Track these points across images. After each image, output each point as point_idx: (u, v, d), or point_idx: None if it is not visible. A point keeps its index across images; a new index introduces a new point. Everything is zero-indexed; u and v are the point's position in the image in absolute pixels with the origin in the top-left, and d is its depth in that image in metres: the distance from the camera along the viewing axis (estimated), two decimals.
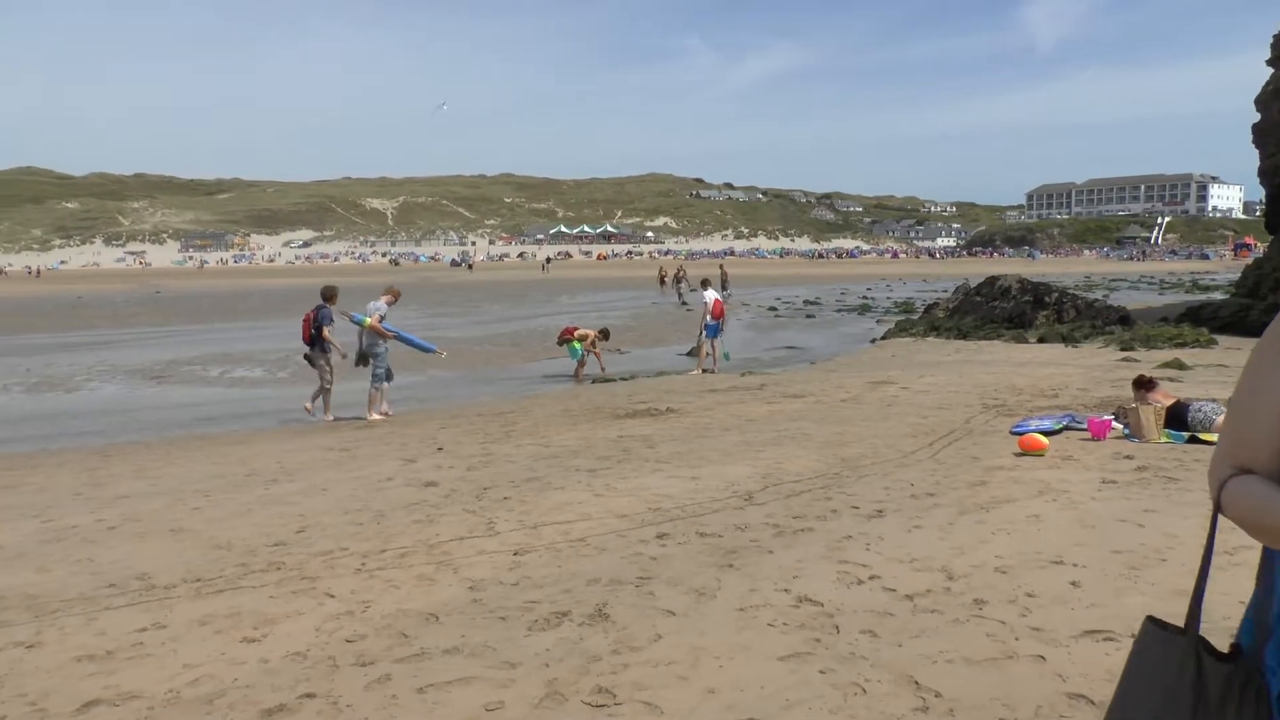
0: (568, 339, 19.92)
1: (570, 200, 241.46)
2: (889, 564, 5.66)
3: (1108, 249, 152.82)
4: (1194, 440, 9.20)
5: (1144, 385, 10.11)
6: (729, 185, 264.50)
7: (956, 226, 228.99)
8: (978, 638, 4.48)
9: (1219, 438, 1.69)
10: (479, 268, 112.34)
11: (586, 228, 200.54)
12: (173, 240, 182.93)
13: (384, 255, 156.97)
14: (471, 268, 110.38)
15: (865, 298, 48.78)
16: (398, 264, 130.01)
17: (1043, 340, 23.34)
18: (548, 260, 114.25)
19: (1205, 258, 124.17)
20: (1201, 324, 24.72)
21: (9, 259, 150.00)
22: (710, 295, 20.04)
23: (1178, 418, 9.51)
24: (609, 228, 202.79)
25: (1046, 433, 9.47)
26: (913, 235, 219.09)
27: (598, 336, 20.22)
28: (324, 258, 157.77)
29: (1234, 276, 42.85)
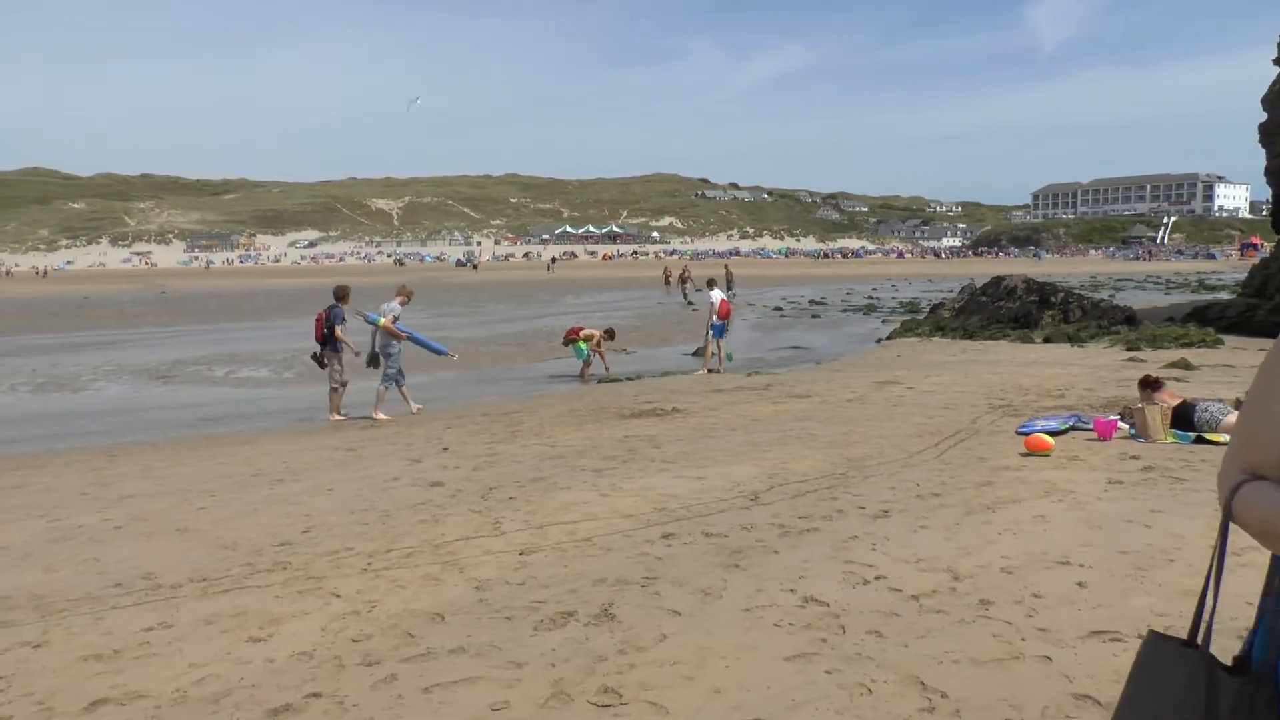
0: (573, 339, 19.93)
1: (575, 200, 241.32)
2: (895, 564, 5.66)
3: (1113, 249, 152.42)
4: (1200, 440, 9.18)
5: (1150, 385, 10.08)
6: (734, 185, 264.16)
7: (962, 226, 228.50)
8: (984, 638, 4.48)
9: (1229, 440, 1.63)
10: (484, 268, 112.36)
11: (592, 228, 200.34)
12: (179, 240, 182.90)
13: (389, 255, 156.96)
14: (476, 268, 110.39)
15: (871, 298, 48.73)
16: (403, 264, 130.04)
17: (1048, 340, 23.29)
18: (553, 260, 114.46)
19: (1211, 257, 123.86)
20: (1208, 324, 24.66)
21: (16, 259, 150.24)
22: (716, 295, 20.05)
23: (1184, 418, 9.50)
24: (614, 228, 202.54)
25: (1052, 433, 9.45)
26: (918, 235, 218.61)
27: (603, 336, 20.22)
28: (329, 258, 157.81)
29: (1240, 276, 42.71)
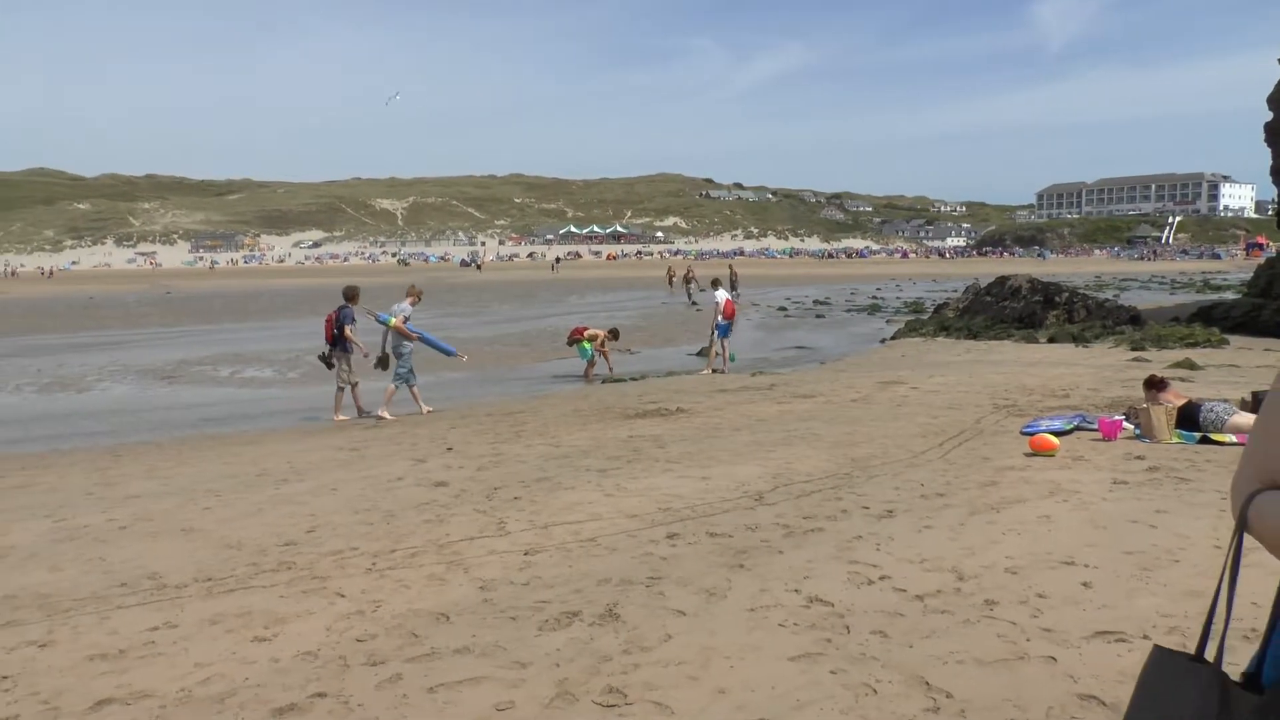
0: (577, 339, 19.94)
1: (580, 200, 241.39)
2: (899, 564, 5.66)
3: (1118, 249, 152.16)
4: (1205, 441, 9.17)
5: (1155, 385, 10.07)
6: (738, 185, 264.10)
7: (966, 226, 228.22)
8: (989, 638, 4.47)
9: (1245, 448, 1.57)
10: (488, 268, 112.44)
11: (596, 228, 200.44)
12: (183, 241, 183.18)
13: (393, 256, 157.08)
14: (480, 268, 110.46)
15: (875, 298, 48.71)
16: (407, 264, 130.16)
17: (1053, 340, 23.27)
18: (557, 260, 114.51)
19: (1217, 257, 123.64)
20: (1213, 324, 24.62)
21: (21, 260, 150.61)
22: (721, 295, 20.04)
23: (1189, 418, 9.48)
24: (618, 228, 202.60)
25: (1057, 433, 9.44)
26: (922, 235, 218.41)
27: (607, 337, 20.23)
28: (334, 258, 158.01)
29: (1246, 276, 42.65)
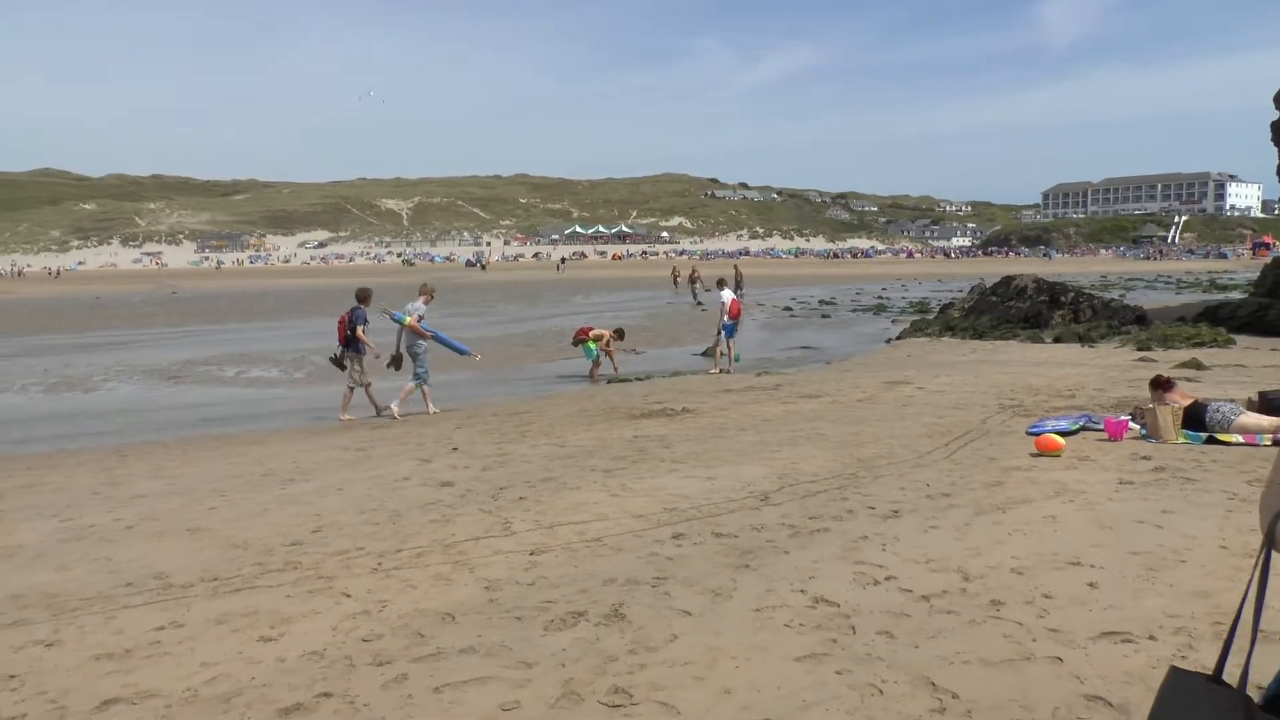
0: (583, 339, 19.93)
1: (585, 200, 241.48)
2: (905, 565, 5.65)
3: (1124, 248, 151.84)
4: (1212, 441, 9.14)
5: (1161, 385, 10.04)
6: (744, 185, 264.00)
7: (972, 226, 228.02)
8: (994, 639, 4.47)
9: (1273, 465, 1.54)
10: (494, 268, 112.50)
11: (601, 228, 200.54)
12: (189, 241, 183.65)
13: (398, 256, 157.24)
14: (485, 268, 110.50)
15: (880, 298, 48.65)
16: (412, 264, 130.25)
17: (1059, 340, 23.23)
18: (563, 260, 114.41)
19: (1223, 257, 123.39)
20: (1219, 323, 24.57)
21: (28, 260, 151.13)
22: (727, 295, 20.02)
23: (1195, 418, 9.46)
24: (624, 228, 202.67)
25: (1063, 433, 9.42)
26: (928, 235, 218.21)
27: (613, 336, 20.23)
28: (339, 258, 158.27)
29: (1252, 275, 42.53)
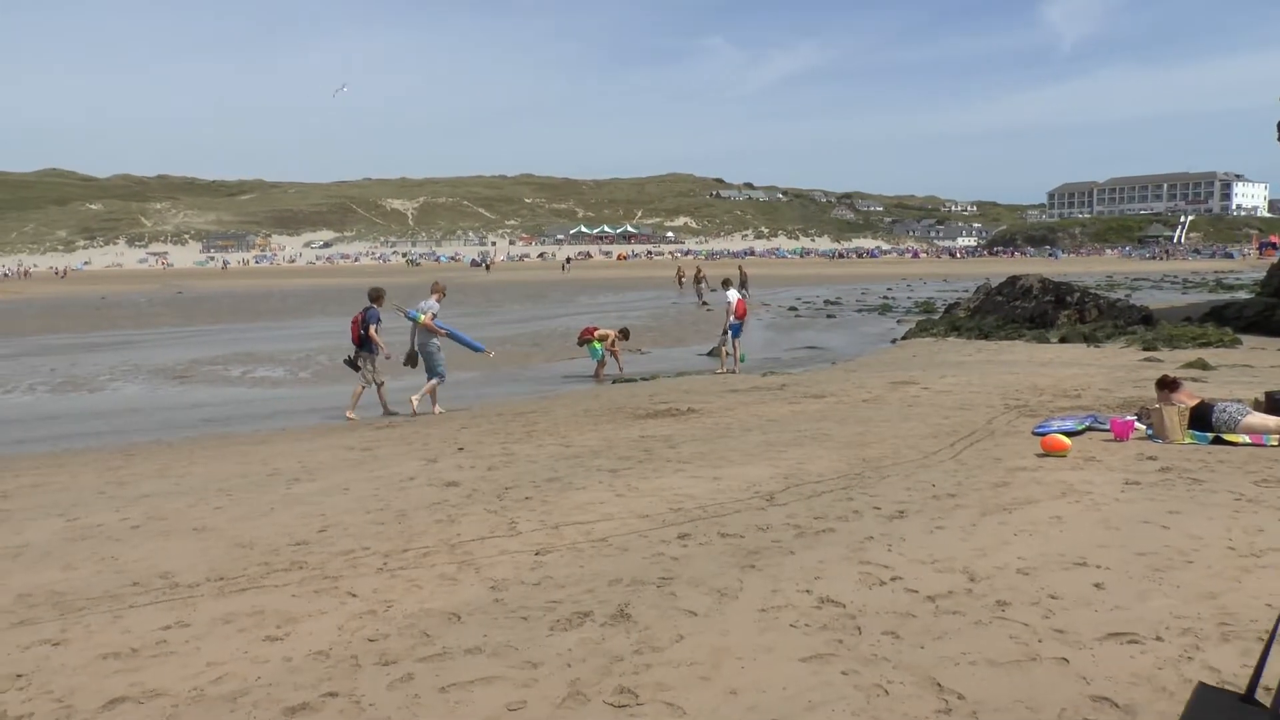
0: (588, 339, 19.95)
1: (590, 200, 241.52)
2: (911, 565, 5.64)
3: (1130, 248, 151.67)
4: (1218, 441, 9.12)
5: (1167, 385, 10.01)
6: (749, 185, 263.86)
7: (977, 226, 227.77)
8: (1000, 639, 4.46)
9: None
10: (499, 268, 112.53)
11: (607, 228, 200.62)
12: (195, 241, 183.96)
13: (403, 255, 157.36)
14: (489, 268, 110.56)
15: (886, 298, 48.60)
16: (417, 264, 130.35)
17: (1065, 340, 23.18)
18: (568, 260, 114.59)
19: (1229, 256, 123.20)
20: (1225, 324, 24.49)
21: (35, 260, 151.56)
22: (733, 295, 20.01)
23: (1202, 418, 9.43)
24: (629, 228, 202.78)
25: (1069, 433, 9.40)
26: (933, 235, 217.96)
27: (618, 337, 20.23)
28: (345, 258, 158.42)
29: (1259, 275, 42.48)
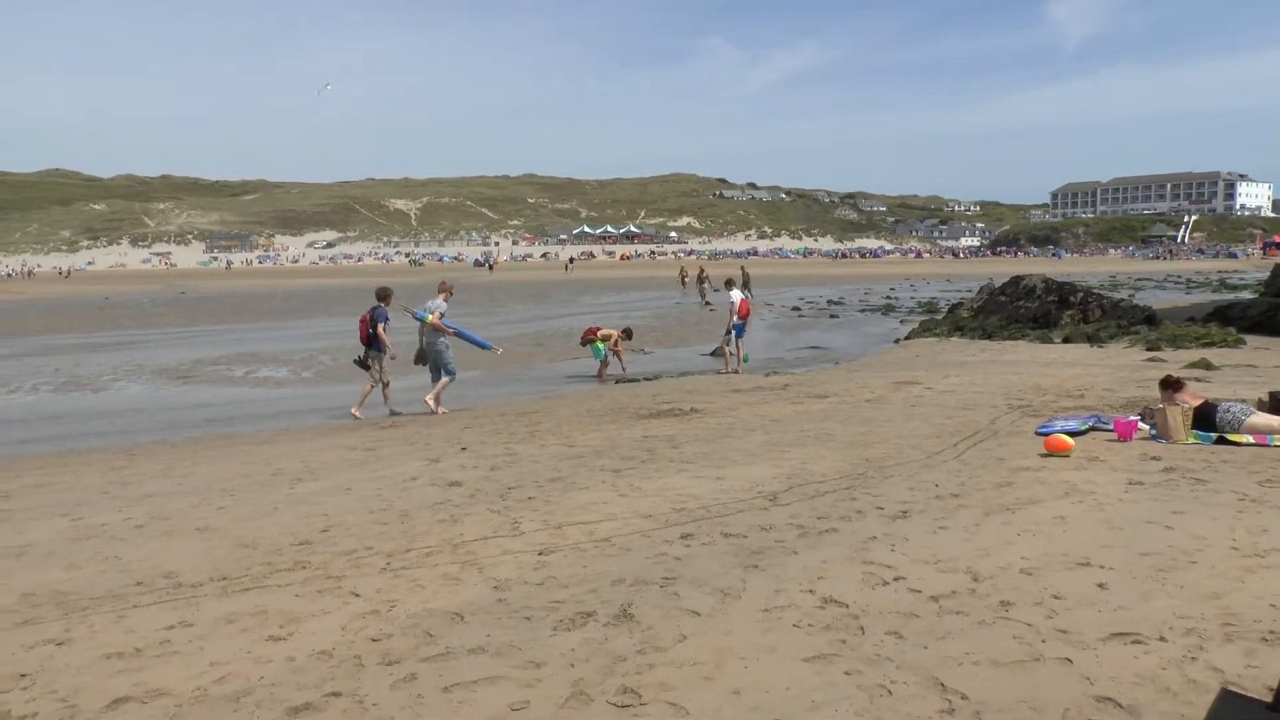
0: (591, 339, 19.95)
1: (593, 200, 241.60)
2: (914, 565, 5.64)
3: (1133, 248, 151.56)
4: (1222, 441, 9.10)
5: (1171, 385, 10.00)
6: (752, 185, 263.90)
7: (980, 226, 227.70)
8: (1004, 639, 4.45)
9: None
10: (502, 268, 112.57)
11: (610, 228, 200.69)
12: (198, 241, 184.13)
13: (406, 256, 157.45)
14: (492, 268, 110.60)
15: (889, 298, 48.58)
16: (420, 264, 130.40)
17: (1068, 340, 23.15)
18: (571, 260, 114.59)
19: (1233, 256, 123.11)
20: (1229, 324, 24.42)
21: (39, 260, 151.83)
22: (736, 295, 19.98)
23: (1205, 418, 9.42)
24: (632, 228, 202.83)
25: (1072, 433, 9.39)
26: (936, 235, 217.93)
27: (621, 336, 20.23)
28: (348, 258, 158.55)
29: (1263, 275, 42.44)
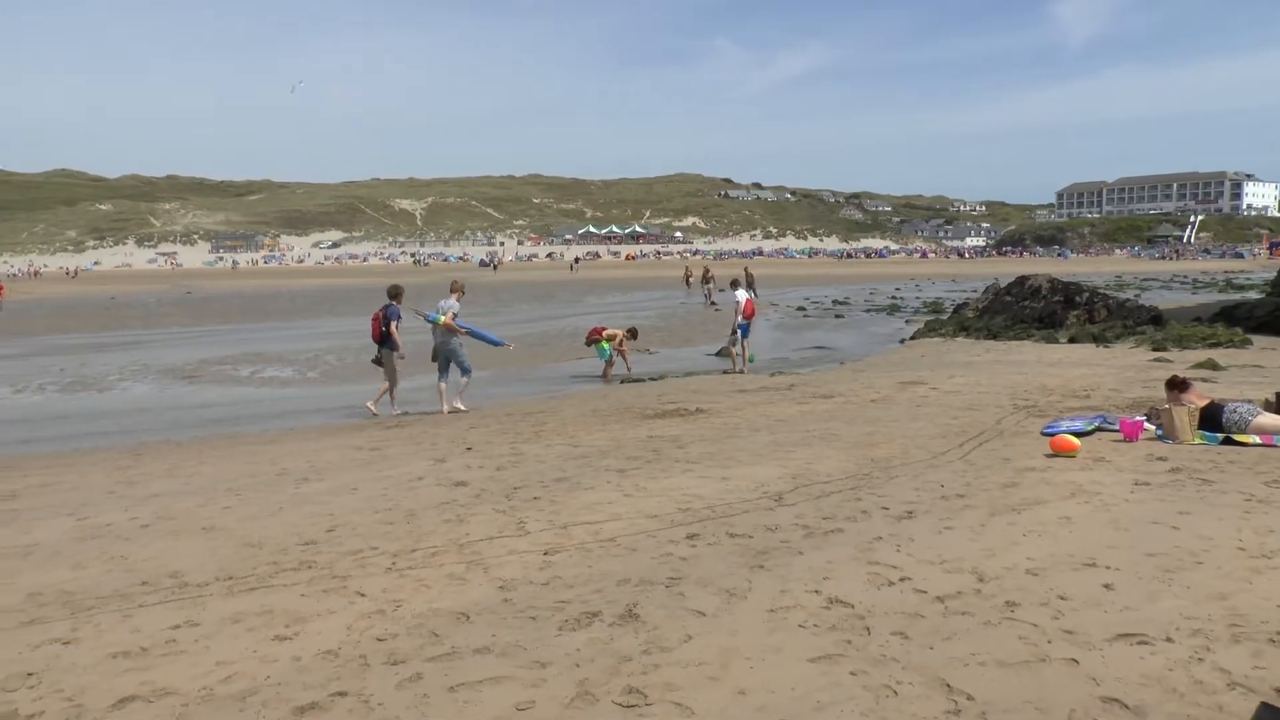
0: (596, 339, 19.94)
1: (599, 200, 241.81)
2: (920, 565, 5.63)
3: (1139, 248, 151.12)
4: (1228, 441, 9.08)
5: (1177, 386, 9.98)
6: (757, 185, 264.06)
7: (986, 226, 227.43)
8: (1010, 640, 4.45)
9: None
10: (507, 268, 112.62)
11: (615, 228, 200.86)
12: (204, 241, 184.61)
13: (411, 256, 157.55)
14: (497, 268, 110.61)
15: (894, 298, 48.53)
16: (425, 264, 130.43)
17: (1074, 340, 23.11)
18: (576, 260, 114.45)
19: (1239, 256, 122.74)
20: (1236, 324, 24.36)
21: (45, 260, 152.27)
22: (741, 295, 19.95)
23: (1212, 419, 9.40)
24: (637, 228, 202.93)
25: (1078, 434, 9.38)
26: (942, 235, 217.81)
27: (626, 336, 20.22)
28: (353, 258, 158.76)
29: (1269, 275, 42.33)
